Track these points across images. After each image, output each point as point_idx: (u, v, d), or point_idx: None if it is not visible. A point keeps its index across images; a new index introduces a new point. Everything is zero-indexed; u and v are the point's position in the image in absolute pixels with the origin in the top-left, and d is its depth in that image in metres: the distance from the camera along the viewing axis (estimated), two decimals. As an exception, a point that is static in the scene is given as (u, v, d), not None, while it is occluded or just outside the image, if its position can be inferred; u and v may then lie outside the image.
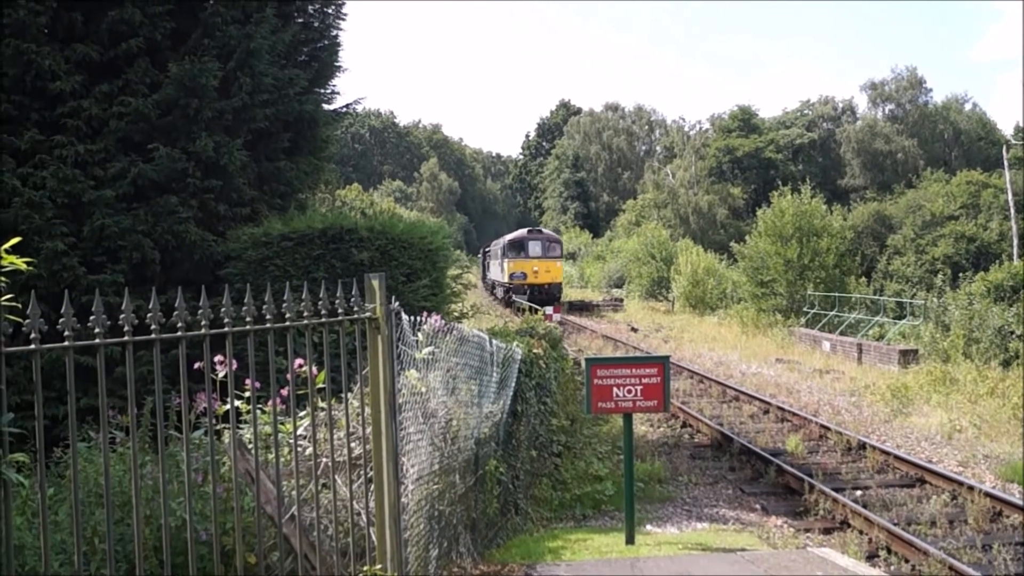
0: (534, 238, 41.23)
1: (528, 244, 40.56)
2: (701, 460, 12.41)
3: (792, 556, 7.34)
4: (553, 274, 40.05)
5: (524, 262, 39.82)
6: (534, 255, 40.10)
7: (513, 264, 39.97)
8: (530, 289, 38.84)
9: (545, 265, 39.73)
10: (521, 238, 41.50)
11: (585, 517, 9.51)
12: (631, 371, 7.92)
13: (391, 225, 10.17)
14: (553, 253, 40.81)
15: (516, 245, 41.03)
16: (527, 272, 39.33)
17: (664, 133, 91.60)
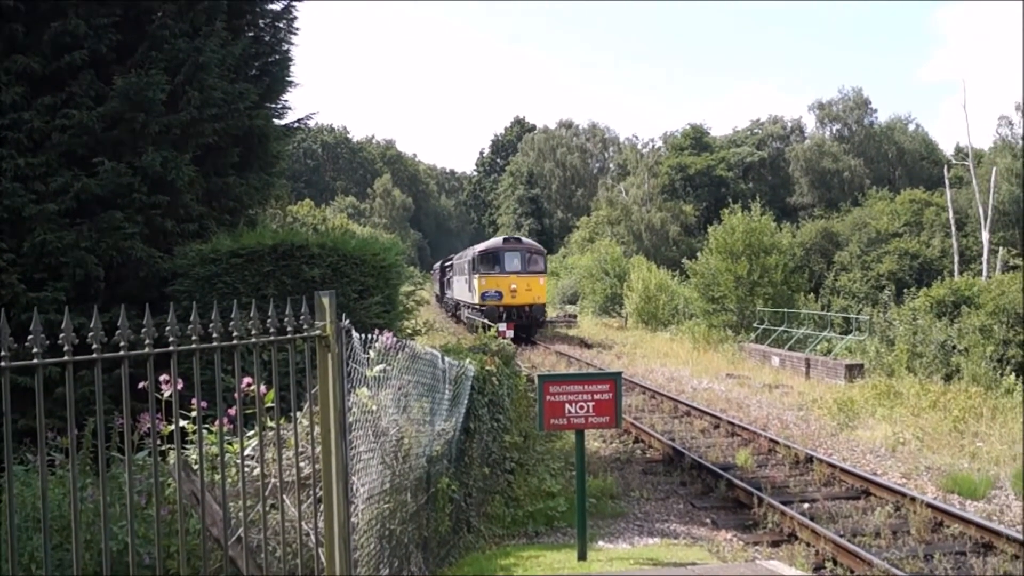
0: (511, 248, 33.82)
1: (504, 256, 33.13)
2: (653, 475, 12.47)
3: (741, 569, 7.41)
4: (536, 293, 32.96)
5: (500, 278, 32.55)
6: (512, 270, 32.90)
7: (486, 281, 32.65)
8: (507, 312, 31.87)
9: (526, 282, 32.66)
10: (495, 249, 33.93)
11: (538, 534, 9.49)
12: (583, 387, 7.96)
13: (343, 242, 10.09)
14: (535, 267, 33.84)
15: (489, 258, 33.60)
16: (503, 291, 32.20)
17: (617, 150, 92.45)
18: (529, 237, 79.23)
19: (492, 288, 32.38)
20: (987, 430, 14.61)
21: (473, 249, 36.45)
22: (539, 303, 33.05)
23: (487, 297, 32.31)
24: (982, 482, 10.96)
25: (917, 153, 71.05)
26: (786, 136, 76.60)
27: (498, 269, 32.98)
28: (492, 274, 32.85)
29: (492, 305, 31.93)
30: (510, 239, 35.14)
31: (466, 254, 38.82)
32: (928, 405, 16.54)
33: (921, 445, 13.63)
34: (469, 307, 36.15)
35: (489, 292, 32.33)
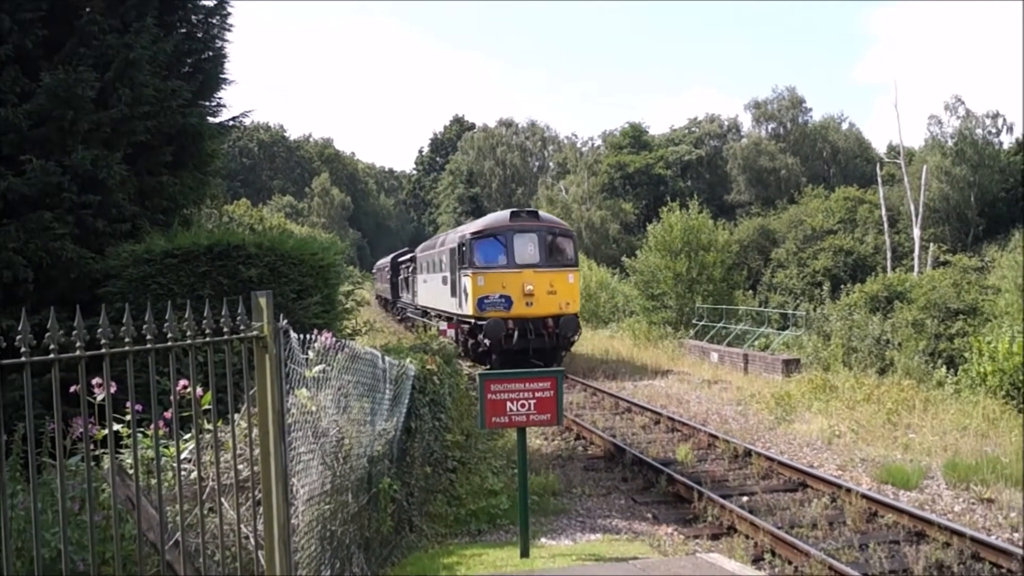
0: (524, 227, 22.21)
1: (513, 241, 21.83)
2: (595, 472, 12.58)
3: (682, 563, 7.52)
4: (565, 297, 21.82)
5: (507, 275, 21.48)
6: (526, 262, 21.69)
7: (484, 281, 21.57)
8: (519, 328, 21.06)
9: (548, 280, 21.62)
10: (499, 228, 22.25)
11: (480, 532, 9.51)
12: (524, 385, 8.00)
13: (281, 241, 9.97)
14: (563, 257, 22.52)
15: (489, 243, 22.12)
16: (513, 295, 21.36)
17: (557, 149, 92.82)
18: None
19: (495, 291, 21.27)
20: (919, 422, 15.06)
21: (459, 232, 24.23)
22: (569, 312, 21.57)
23: (487, 306, 21.08)
24: (915, 472, 11.30)
25: (851, 151, 72.80)
26: (723, 135, 77.83)
27: (504, 261, 21.55)
28: (494, 269, 21.45)
29: (496, 318, 20.79)
30: (522, 213, 22.46)
31: (442, 241, 26.96)
32: (863, 398, 17.00)
33: (856, 437, 14.00)
34: (452, 320, 24.06)
35: (490, 298, 21.17)
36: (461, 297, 22.74)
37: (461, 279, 22.64)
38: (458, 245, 23.15)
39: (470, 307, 21.71)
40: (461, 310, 22.98)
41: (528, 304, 21.40)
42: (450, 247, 24.58)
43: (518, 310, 21.33)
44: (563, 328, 21.51)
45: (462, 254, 22.62)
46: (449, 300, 24.71)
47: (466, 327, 22.80)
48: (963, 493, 10.75)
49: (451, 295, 24.25)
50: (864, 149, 73.43)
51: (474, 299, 21.44)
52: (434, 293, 28.14)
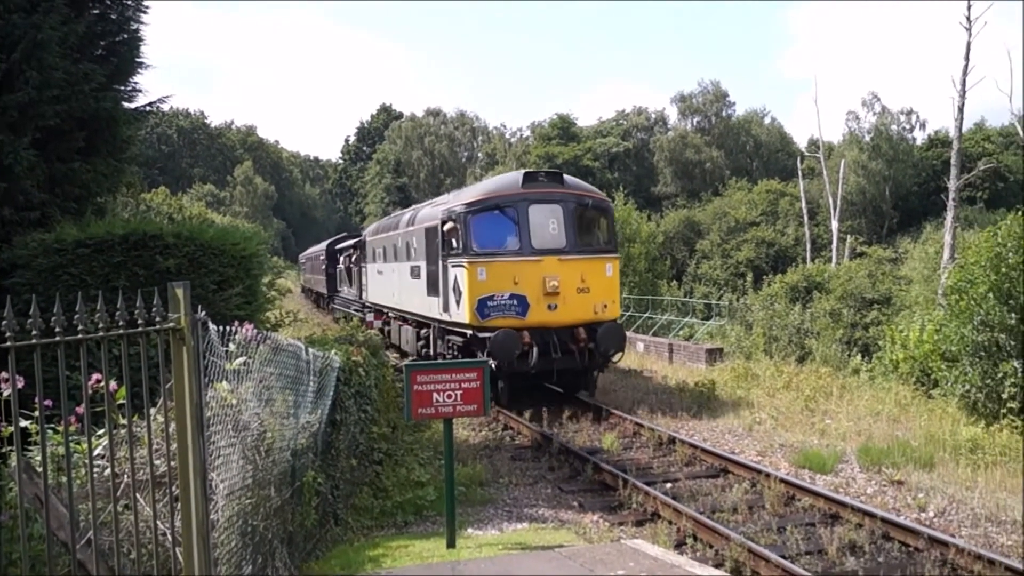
0: (544, 195, 15.53)
1: (528, 214, 15.28)
2: (522, 461, 12.64)
3: (607, 549, 7.62)
4: (601, 296, 15.69)
5: (520, 266, 15.07)
6: (546, 246, 15.26)
7: (487, 273, 14.95)
8: (541, 341, 14.88)
9: (579, 272, 15.34)
10: (509, 196, 15.42)
11: (407, 524, 9.47)
12: (451, 376, 7.99)
13: (201, 231, 9.74)
14: (595, 240, 16.25)
15: (493, 220, 15.40)
16: (530, 294, 14.99)
17: (486, 139, 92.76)
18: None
19: (503, 289, 14.77)
20: (836, 408, 15.55)
21: (442, 204, 17.30)
22: (607, 318, 15.50)
23: (492, 310, 14.73)
24: (830, 457, 11.65)
25: (773, 145, 74.51)
26: (650, 127, 78.77)
27: (515, 244, 15.05)
28: (502, 256, 14.95)
29: (506, 328, 14.42)
30: (539, 175, 15.72)
31: (411, 218, 19.83)
32: (782, 386, 17.46)
33: (775, 424, 14.37)
34: (430, 327, 17.76)
35: (497, 299, 14.74)
36: (447, 297, 15.65)
37: (448, 271, 15.43)
38: (441, 223, 15.80)
39: (464, 312, 14.57)
40: (447, 315, 15.75)
41: (551, 307, 14.60)
42: (426, 226, 17.41)
43: (537, 316, 14.54)
44: (602, 341, 14.78)
45: (449, 235, 15.35)
46: (424, 300, 17.60)
47: (456, 340, 15.56)
48: (875, 476, 11.13)
49: (428, 293, 17.16)
50: (786, 143, 75.27)
51: (471, 300, 14.46)
52: (396, 289, 21.23)
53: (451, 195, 17.93)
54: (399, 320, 21.60)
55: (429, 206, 19.19)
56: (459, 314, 15.24)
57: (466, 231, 15.03)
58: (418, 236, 18.50)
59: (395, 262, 21.44)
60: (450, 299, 15.76)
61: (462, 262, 15.03)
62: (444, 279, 16.04)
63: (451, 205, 16.07)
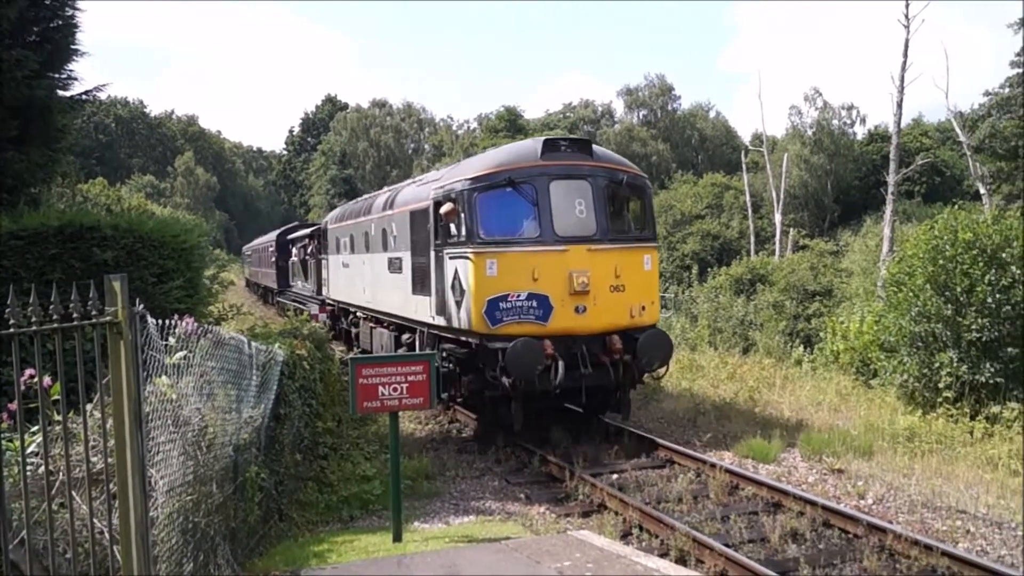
0: (570, 170, 12.10)
1: (551, 192, 11.82)
2: (469, 454, 12.63)
3: (553, 540, 7.66)
4: (638, 295, 12.30)
5: (541, 257, 11.62)
6: (573, 232, 11.87)
7: (498, 266, 11.52)
8: (567, 352, 11.54)
9: (613, 265, 12.03)
10: (526, 169, 11.88)
11: (353, 518, 9.40)
12: (397, 369, 7.96)
13: (140, 222, 9.53)
14: (634, 226, 13.03)
15: (505, 200, 11.86)
16: (553, 293, 11.60)
17: (433, 131, 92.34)
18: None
19: (518, 286, 11.64)
20: (778, 398, 15.84)
21: (434, 181, 13.98)
22: (646, 323, 12.52)
23: (505, 313, 11.59)
24: (773, 447, 11.86)
25: (718, 139, 75.40)
26: (597, 120, 79.18)
27: (534, 230, 11.89)
28: (517, 245, 11.80)
29: (523, 336, 11.34)
30: (562, 143, 12.57)
31: (389, 200, 16.42)
32: (726, 377, 17.72)
33: (719, 414, 14.58)
34: (419, 334, 14.30)
35: (511, 299, 11.59)
36: (443, 297, 12.46)
37: (444, 264, 12.36)
38: (435, 204, 12.71)
39: (469, 315, 11.60)
40: (442, 319, 12.61)
41: (579, 310, 11.63)
42: (411, 208, 14.28)
43: (562, 320, 11.55)
44: (644, 351, 11.84)
45: (447, 219, 12.21)
46: (408, 300, 14.52)
47: (456, 351, 12.27)
48: (816, 465, 11.36)
49: (414, 291, 14.07)
50: (730, 137, 76.27)
51: (478, 301, 11.42)
52: (368, 285, 17.86)
53: (445, 170, 14.27)
54: (371, 321, 17.93)
55: (413, 184, 15.91)
56: (461, 318, 11.90)
57: (471, 213, 11.72)
58: (399, 222, 15.17)
59: (366, 253, 18.05)
60: (447, 299, 12.30)
61: (466, 252, 11.66)
62: (439, 274, 12.62)
63: (448, 182, 12.61)
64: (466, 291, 11.71)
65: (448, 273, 12.27)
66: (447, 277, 12.31)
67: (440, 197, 12.61)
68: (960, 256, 14.18)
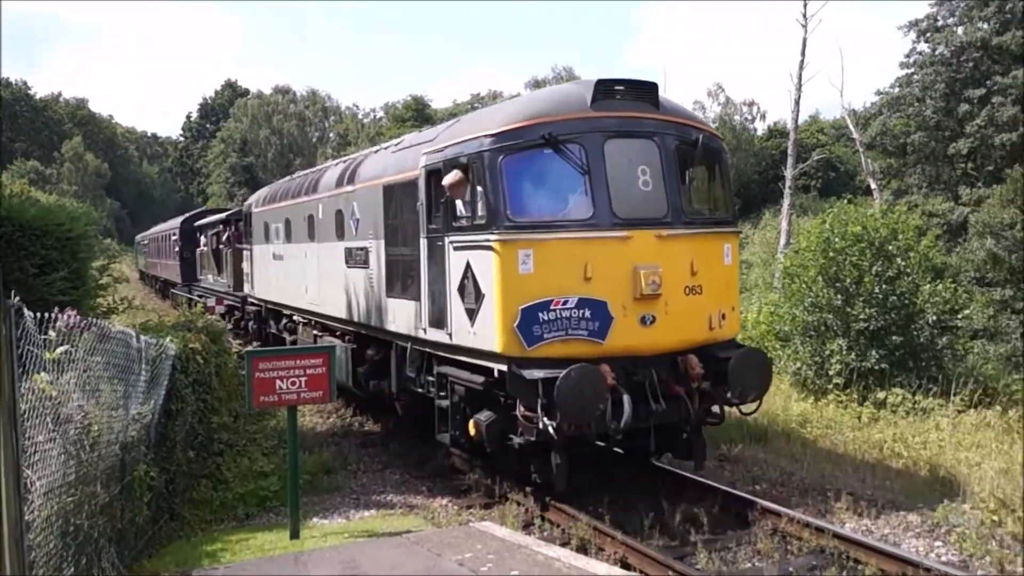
0: (630, 127, 8.60)
1: (606, 155, 8.31)
2: (371, 447, 12.49)
3: (455, 533, 7.65)
4: (718, 299, 8.98)
5: (594, 246, 8.19)
6: (636, 214, 8.42)
7: (533, 259, 8.05)
8: (630, 381, 8.21)
9: (689, 258, 8.65)
10: (570, 122, 8.32)
11: (249, 516, 9.18)
12: (295, 362, 7.80)
13: (21, 210, 9.09)
14: (705, 203, 9.81)
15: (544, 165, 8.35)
16: (611, 298, 8.17)
17: (338, 120, 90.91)
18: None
19: (563, 289, 8.08)
20: (674, 387, 16.14)
21: (432, 140, 10.03)
22: (727, 336, 9.30)
23: (549, 326, 8.05)
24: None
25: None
26: (503, 111, 79.19)
27: (584, 209, 8.32)
28: (559, 230, 8.24)
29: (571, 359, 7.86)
30: (616, 87, 8.71)
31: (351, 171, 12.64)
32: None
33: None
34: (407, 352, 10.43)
35: (555, 308, 8.04)
36: (443, 302, 9.21)
37: (448, 257, 9.07)
38: (427, 174, 9.59)
39: (492, 329, 8.33)
40: (442, 334, 9.32)
41: (646, 321, 8.43)
42: (386, 182, 10.89)
43: (624, 336, 8.37)
44: (736, 377, 8.78)
45: (452, 193, 8.89)
46: (380, 304, 11.13)
47: (469, 381, 8.92)
48: (714, 451, 11.64)
49: (390, 291, 10.77)
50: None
51: (506, 309, 8.13)
52: (313, 282, 14.33)
53: (439, 129, 10.47)
54: (315, 328, 14.52)
55: (385, 151, 12.07)
56: (476, 334, 8.50)
57: (495, 185, 8.21)
58: (364, 200, 11.65)
59: (310, 242, 14.45)
60: (451, 306, 8.94)
61: (486, 240, 8.22)
62: (436, 271, 9.27)
63: (451, 142, 9.18)
64: (486, 295, 8.23)
65: (453, 269, 8.82)
66: (451, 275, 8.87)
67: (438, 164, 9.18)
68: (849, 249, 14.77)
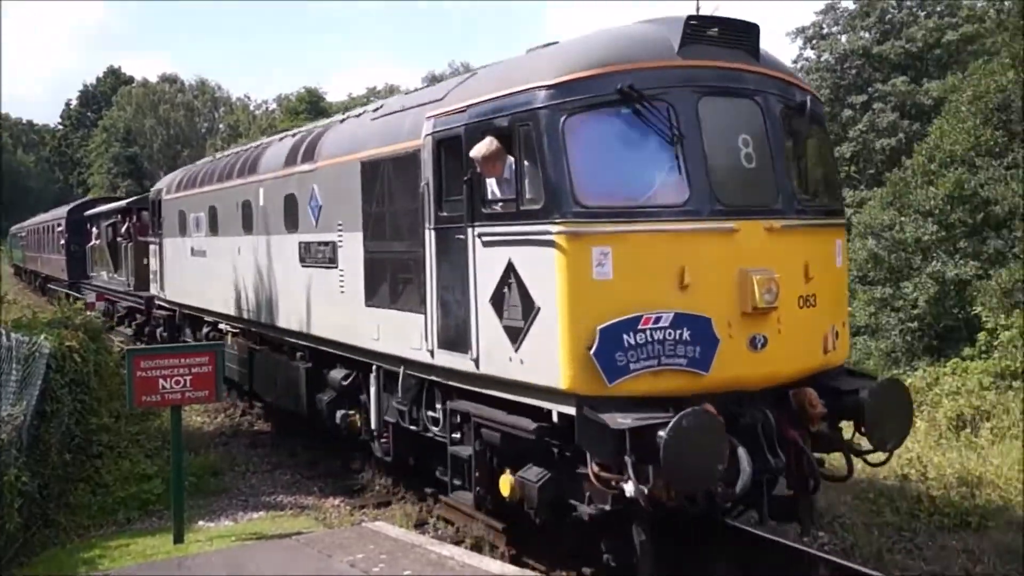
0: (726, 79, 6.34)
1: (698, 115, 6.08)
2: (261, 448, 12.21)
3: (347, 533, 7.57)
4: (831, 309, 6.76)
5: (691, 240, 5.95)
6: (740, 199, 6.22)
7: (617, 259, 5.77)
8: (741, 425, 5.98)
9: (801, 258, 6.39)
10: (655, 71, 6.10)
11: (130, 521, 8.84)
12: (180, 361, 7.56)
13: None
14: (814, 186, 7.34)
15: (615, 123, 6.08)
16: (718, 311, 5.91)
17: (229, 111, 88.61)
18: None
19: (656, 299, 5.80)
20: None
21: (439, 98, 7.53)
22: (839, 360, 7.05)
23: (637, 353, 5.69)
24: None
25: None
26: (400, 107, 78.73)
27: (673, 187, 6.01)
28: (644, 219, 5.93)
29: (672, 395, 5.76)
30: (708, 25, 6.43)
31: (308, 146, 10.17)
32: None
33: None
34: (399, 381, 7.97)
35: (648, 327, 5.71)
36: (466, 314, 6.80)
37: (472, 255, 6.70)
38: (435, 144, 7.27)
39: (557, 359, 5.83)
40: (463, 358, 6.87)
41: (756, 344, 6.08)
42: (368, 156, 8.52)
43: (731, 364, 5.98)
44: (878, 419, 6.43)
45: (486, 170, 6.52)
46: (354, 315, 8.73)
47: (513, 427, 6.45)
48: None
49: (369, 299, 8.47)
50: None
51: (577, 329, 5.75)
52: (252, 284, 11.88)
53: (450, 84, 7.95)
54: (252, 339, 12.49)
55: (355, 119, 9.77)
56: (525, 362, 6.20)
57: (556, 154, 6.02)
58: (329, 183, 9.40)
59: (244, 235, 12.02)
60: (476, 322, 6.68)
61: (545, 233, 5.98)
62: (452, 274, 6.99)
63: (477, 99, 6.84)
64: (541, 308, 5.97)
65: (482, 272, 6.55)
66: (477, 279, 6.60)
67: (455, 129, 6.95)
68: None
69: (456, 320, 6.93)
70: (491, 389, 6.70)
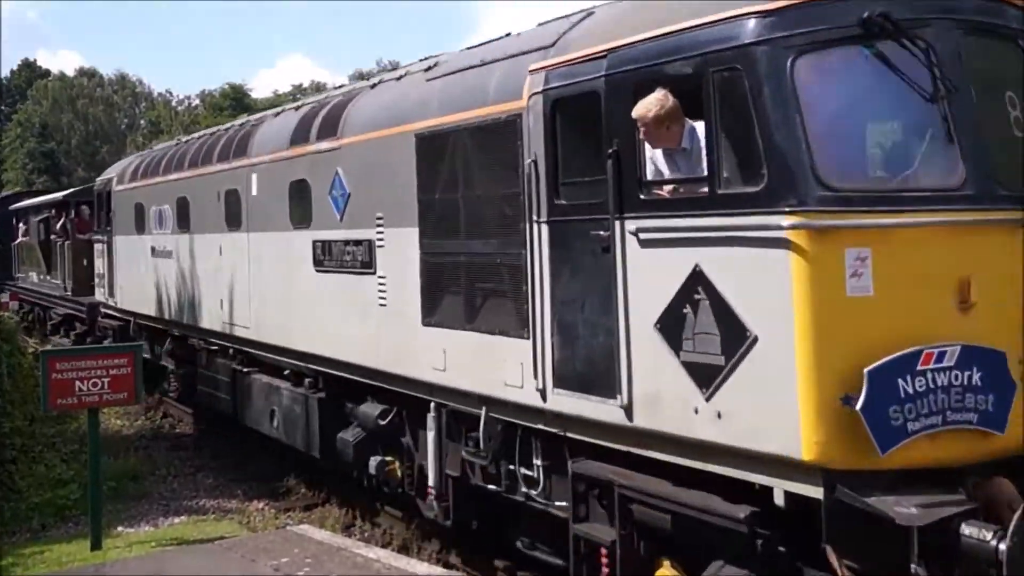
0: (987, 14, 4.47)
1: (960, 59, 4.24)
2: (183, 451, 12.03)
3: (271, 537, 7.49)
4: None
5: (970, 238, 4.12)
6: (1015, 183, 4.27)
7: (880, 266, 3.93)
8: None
9: None
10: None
11: (45, 527, 8.64)
12: (97, 363, 7.38)
13: None
14: None
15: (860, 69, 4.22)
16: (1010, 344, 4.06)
17: (150, 106, 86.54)
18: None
19: (933, 328, 4.00)
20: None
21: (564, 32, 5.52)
22: None
23: (917, 405, 3.86)
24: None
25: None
26: (328, 103, 78.04)
27: (940, 165, 4.26)
28: (915, 205, 4.09)
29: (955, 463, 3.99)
30: None
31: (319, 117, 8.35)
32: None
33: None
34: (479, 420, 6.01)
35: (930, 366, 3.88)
36: (620, 346, 4.83)
37: (626, 260, 4.81)
38: (551, 103, 5.33)
39: (794, 416, 3.94)
40: (609, 405, 4.89)
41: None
42: (461, 119, 6.21)
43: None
44: None
45: (650, 137, 4.70)
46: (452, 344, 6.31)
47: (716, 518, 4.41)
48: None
49: (467, 321, 6.18)
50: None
51: (823, 374, 3.92)
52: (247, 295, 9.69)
53: (561, 25, 5.79)
54: (237, 361, 10.49)
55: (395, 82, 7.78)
56: (729, 417, 4.26)
57: (785, 110, 4.10)
58: (360, 163, 7.59)
59: (229, 231, 10.26)
60: (628, 354, 4.81)
61: (766, 228, 4.09)
62: (580, 286, 5.20)
63: (641, 37, 4.78)
64: (760, 339, 4.15)
65: (643, 284, 4.78)
66: (631, 294, 4.83)
67: (591, 83, 5.08)
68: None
69: (589, 351, 5.09)
70: (655, 451, 4.78)
